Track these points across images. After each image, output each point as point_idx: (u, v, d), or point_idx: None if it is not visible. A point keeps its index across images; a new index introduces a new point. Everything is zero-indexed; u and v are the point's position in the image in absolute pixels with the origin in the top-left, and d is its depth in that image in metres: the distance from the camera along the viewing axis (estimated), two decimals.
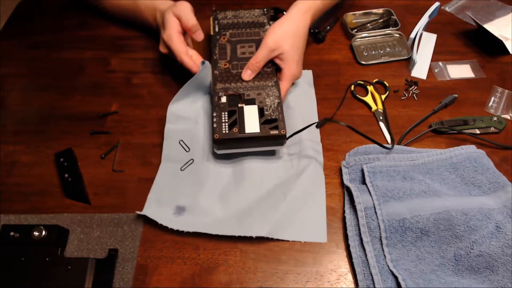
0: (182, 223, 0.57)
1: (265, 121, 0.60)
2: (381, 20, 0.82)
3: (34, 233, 0.53)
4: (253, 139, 0.59)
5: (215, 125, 0.60)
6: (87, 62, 0.79)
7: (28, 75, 0.78)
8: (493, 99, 0.70)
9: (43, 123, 0.70)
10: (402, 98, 0.71)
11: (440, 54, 0.77)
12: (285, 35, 0.66)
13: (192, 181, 0.61)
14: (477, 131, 0.65)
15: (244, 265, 0.54)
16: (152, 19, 0.75)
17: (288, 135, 0.61)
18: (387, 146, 0.61)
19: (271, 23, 0.71)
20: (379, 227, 0.54)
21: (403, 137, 0.65)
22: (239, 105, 0.62)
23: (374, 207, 0.55)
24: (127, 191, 0.61)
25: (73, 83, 0.75)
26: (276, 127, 0.60)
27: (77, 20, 0.86)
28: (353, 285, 0.53)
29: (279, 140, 0.60)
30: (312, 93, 0.72)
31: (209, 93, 0.70)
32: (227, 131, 0.59)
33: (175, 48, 0.66)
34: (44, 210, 0.60)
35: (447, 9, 0.85)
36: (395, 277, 0.50)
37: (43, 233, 0.53)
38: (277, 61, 0.67)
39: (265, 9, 0.76)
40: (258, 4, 0.87)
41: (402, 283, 0.49)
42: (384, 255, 0.53)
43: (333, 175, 0.62)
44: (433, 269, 0.52)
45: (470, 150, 0.60)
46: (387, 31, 0.79)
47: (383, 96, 0.70)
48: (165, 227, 0.57)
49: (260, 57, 0.65)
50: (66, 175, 0.63)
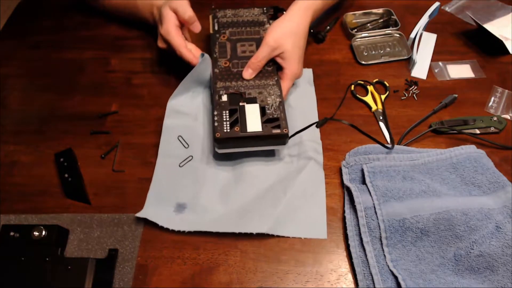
0: (183, 222, 0.57)
1: (267, 120, 0.60)
2: (381, 20, 0.82)
3: (34, 233, 0.53)
4: (255, 138, 0.59)
5: (216, 123, 0.59)
6: (87, 62, 0.79)
7: (28, 75, 0.78)
8: (493, 99, 0.70)
9: (43, 123, 0.70)
10: (402, 98, 0.71)
11: (440, 54, 0.77)
12: (286, 33, 0.65)
13: (192, 178, 0.61)
14: (477, 131, 0.65)
15: (244, 265, 0.54)
16: (149, 15, 0.75)
17: (290, 135, 0.60)
18: (388, 145, 0.61)
19: (271, 22, 0.71)
20: (379, 227, 0.54)
21: (403, 137, 0.65)
22: (240, 103, 0.61)
23: (374, 207, 0.55)
24: (127, 191, 0.61)
25: (73, 83, 0.75)
26: (278, 126, 0.59)
27: (77, 20, 0.86)
28: (353, 285, 0.53)
29: (281, 139, 0.59)
30: (312, 91, 0.72)
31: (209, 87, 0.70)
32: (229, 130, 0.58)
33: (174, 42, 0.66)
34: (44, 210, 0.60)
35: (447, 9, 0.85)
36: (395, 277, 0.50)
37: (43, 233, 0.53)
38: (279, 60, 0.66)
39: (264, 8, 0.76)
40: (258, 3, 0.87)
41: (402, 283, 0.49)
42: (384, 255, 0.53)
43: (333, 175, 0.62)
44: (433, 269, 0.52)
45: (470, 150, 0.60)
46: (387, 31, 0.79)
47: (383, 96, 0.70)
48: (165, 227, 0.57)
49: (261, 56, 0.65)
50: (66, 175, 0.63)
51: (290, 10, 0.68)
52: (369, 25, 0.82)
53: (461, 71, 0.74)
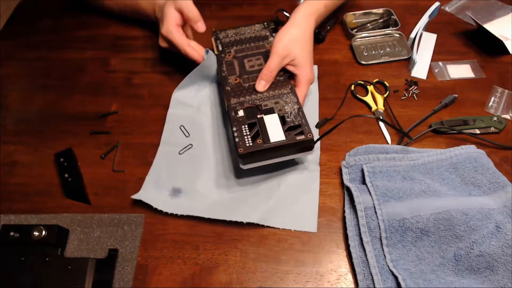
0: (177, 206, 0.58)
1: (288, 128, 0.58)
2: (381, 20, 0.82)
3: (34, 233, 0.53)
4: (280, 148, 0.56)
5: (237, 139, 0.56)
6: (87, 62, 0.79)
7: (28, 75, 0.78)
8: (493, 99, 0.70)
9: (43, 123, 0.70)
10: (402, 98, 0.71)
11: (440, 54, 0.77)
12: (293, 40, 0.64)
13: (190, 165, 0.63)
14: (477, 131, 0.65)
15: (244, 265, 0.54)
16: (151, 14, 0.76)
17: (316, 139, 0.59)
18: (395, 148, 0.61)
19: (274, 35, 0.70)
20: (379, 227, 0.54)
21: (403, 137, 0.65)
22: (258, 116, 0.60)
23: (374, 207, 0.55)
24: (127, 191, 0.61)
25: (73, 83, 0.75)
26: (301, 133, 0.57)
27: (77, 20, 0.86)
28: (353, 285, 0.53)
29: (307, 145, 0.57)
30: (315, 89, 0.72)
31: (216, 82, 0.71)
32: (251, 144, 0.56)
33: (177, 41, 0.66)
34: (44, 210, 0.60)
35: (447, 9, 0.85)
36: (395, 277, 0.50)
37: (43, 233, 0.53)
38: (290, 68, 0.65)
39: (265, 22, 0.75)
40: (258, 4, 0.87)
41: (402, 283, 0.49)
42: (384, 255, 0.52)
43: (333, 175, 0.62)
44: (433, 269, 0.52)
45: (470, 150, 0.60)
46: (387, 31, 0.79)
47: (383, 96, 0.70)
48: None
49: (273, 66, 0.63)
50: (66, 175, 0.63)
51: (294, 17, 0.67)
52: (369, 25, 0.82)
53: (461, 71, 0.74)
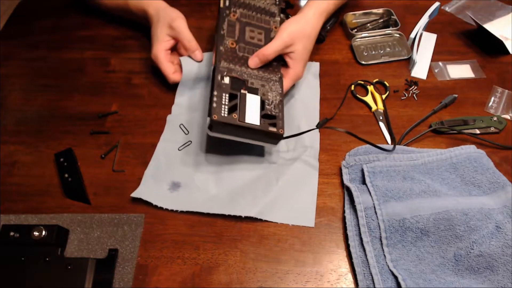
0: (176, 202, 0.58)
1: (264, 115, 0.58)
2: (381, 20, 0.82)
3: (34, 233, 0.53)
4: (250, 131, 0.57)
5: (214, 105, 0.56)
6: (87, 62, 0.79)
7: (28, 75, 0.78)
8: (493, 99, 0.70)
9: (43, 123, 0.70)
10: (402, 98, 0.71)
11: (440, 54, 0.76)
12: (300, 34, 0.65)
13: (189, 160, 0.63)
14: (477, 131, 0.65)
15: (244, 265, 0.54)
16: (141, 13, 0.75)
17: (285, 136, 0.60)
18: (387, 148, 0.61)
19: (282, 16, 0.69)
20: (379, 227, 0.54)
21: (403, 137, 0.65)
22: (242, 91, 0.59)
23: (374, 207, 0.55)
24: (127, 191, 0.61)
25: (73, 83, 0.75)
26: (274, 125, 0.58)
27: (77, 20, 0.86)
28: (353, 285, 0.53)
29: (275, 139, 0.59)
30: (317, 85, 0.72)
31: (207, 79, 0.71)
32: (226, 115, 0.56)
33: (162, 68, 0.70)
34: (44, 210, 0.60)
35: (447, 9, 0.85)
36: (395, 277, 0.50)
37: (43, 233, 0.53)
38: (287, 58, 0.66)
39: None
40: None
41: (402, 283, 0.49)
42: (384, 255, 0.53)
43: (333, 175, 0.62)
44: (433, 269, 0.52)
45: (470, 150, 0.60)
46: (387, 31, 0.79)
47: (383, 96, 0.70)
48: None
49: (273, 49, 0.63)
50: (66, 175, 0.63)
51: (306, 12, 0.67)
52: (369, 25, 0.82)
53: (461, 71, 0.74)
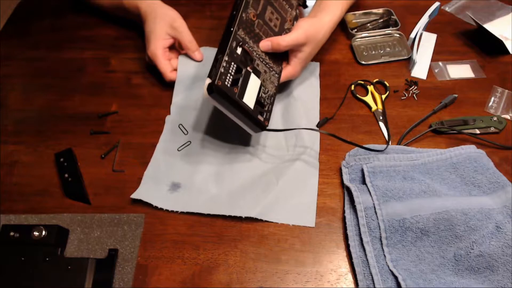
0: (176, 203, 0.58)
1: (257, 101, 0.59)
2: (381, 20, 0.82)
3: (34, 233, 0.53)
4: (241, 110, 0.56)
5: (222, 69, 0.55)
6: (87, 62, 0.79)
7: (28, 75, 0.78)
8: (493, 99, 0.70)
9: (43, 123, 0.70)
10: (402, 98, 0.71)
11: (440, 54, 0.76)
12: (313, 37, 0.65)
13: (189, 160, 0.63)
14: (477, 131, 0.65)
15: (244, 265, 0.54)
16: (135, 10, 0.75)
17: (268, 128, 0.60)
18: (379, 148, 0.61)
19: (297, 11, 0.69)
20: (379, 227, 0.54)
21: (403, 137, 0.65)
22: (248, 68, 0.59)
23: (374, 207, 0.55)
24: (127, 191, 0.61)
25: (73, 83, 0.75)
26: (262, 114, 0.58)
27: (77, 20, 0.86)
28: (353, 285, 0.53)
29: (258, 127, 0.58)
30: (317, 85, 0.72)
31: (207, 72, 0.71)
32: (229, 86, 0.55)
33: (160, 67, 0.69)
34: (44, 210, 0.60)
35: (447, 9, 0.85)
36: (395, 277, 0.50)
37: (43, 233, 0.53)
38: (291, 55, 0.66)
39: None
40: None
41: (402, 283, 0.49)
42: (384, 255, 0.52)
43: (333, 175, 0.62)
44: (433, 269, 0.52)
45: (470, 150, 0.60)
46: (387, 31, 0.79)
47: (383, 96, 0.70)
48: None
49: (288, 42, 0.62)
50: (66, 175, 0.63)
51: (323, 17, 0.67)
52: (369, 25, 0.82)
53: (461, 71, 0.74)
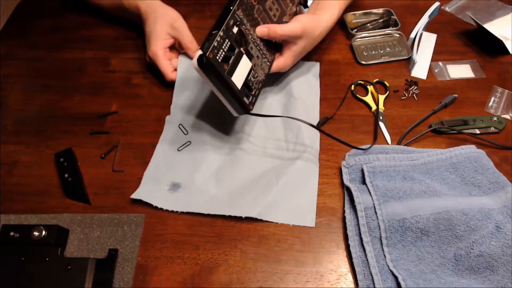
0: (176, 203, 0.58)
1: (245, 84, 0.59)
2: (381, 20, 0.82)
3: (34, 233, 0.53)
4: (228, 89, 0.56)
5: (215, 43, 0.54)
6: (87, 62, 0.79)
7: (28, 75, 0.78)
8: (493, 99, 0.70)
9: (43, 123, 0.70)
10: (402, 98, 0.71)
11: (440, 54, 0.76)
12: (309, 33, 0.65)
13: (188, 160, 0.63)
14: (477, 131, 0.65)
15: (244, 265, 0.54)
16: (135, 10, 0.75)
17: (252, 113, 0.60)
18: (363, 147, 0.61)
19: (298, 8, 0.70)
20: (379, 227, 0.54)
21: (403, 137, 0.65)
22: (242, 48, 0.59)
23: (374, 207, 0.55)
24: (127, 191, 0.61)
25: (73, 83, 0.75)
26: (248, 97, 0.59)
27: (77, 20, 0.86)
28: (353, 285, 0.53)
29: (242, 109, 0.59)
30: (317, 85, 0.72)
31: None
32: (220, 61, 0.55)
33: (161, 67, 0.69)
34: (44, 210, 0.60)
35: (447, 9, 0.85)
36: (395, 277, 0.50)
37: (43, 233, 0.53)
38: (285, 47, 0.66)
39: None
40: None
41: (402, 283, 0.49)
42: (384, 255, 0.52)
43: (333, 175, 0.62)
44: (433, 269, 0.52)
45: (470, 150, 0.60)
46: (387, 31, 0.79)
47: (383, 96, 0.70)
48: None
49: (284, 31, 0.62)
50: (66, 175, 0.63)
51: (322, 15, 0.67)
52: (369, 25, 0.82)
53: (461, 71, 0.74)
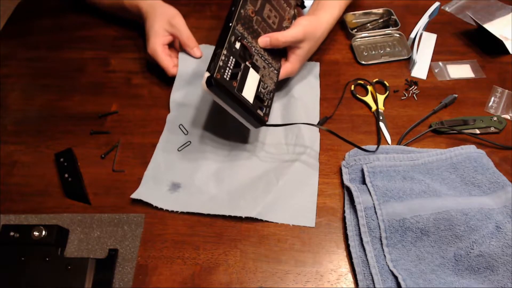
0: (176, 203, 0.58)
1: (257, 97, 0.59)
2: (381, 20, 0.82)
3: (34, 233, 0.53)
4: (241, 105, 0.56)
5: (221, 63, 0.55)
6: (87, 62, 0.79)
7: (28, 75, 0.78)
8: (493, 99, 0.70)
9: (43, 123, 0.70)
10: (402, 98, 0.71)
11: (440, 54, 0.77)
12: (311, 35, 0.65)
13: (189, 160, 0.63)
14: (477, 131, 0.65)
15: (244, 265, 0.54)
16: (135, 10, 0.75)
17: (268, 124, 0.60)
18: (369, 149, 0.61)
19: (295, 11, 0.70)
20: (379, 227, 0.54)
21: (403, 137, 0.65)
22: (247, 63, 0.59)
23: (374, 207, 0.55)
24: (127, 191, 0.61)
25: (73, 83, 0.75)
26: (262, 109, 0.59)
27: (77, 20, 0.86)
28: (353, 285, 0.53)
29: (257, 122, 0.59)
30: (317, 85, 0.72)
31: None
32: (228, 79, 0.55)
33: (162, 63, 0.69)
34: (44, 210, 0.60)
35: (447, 9, 0.85)
36: (395, 277, 0.50)
37: (43, 233, 0.53)
38: (290, 52, 0.66)
39: None
40: None
41: (402, 283, 0.49)
42: (384, 255, 0.53)
43: (333, 175, 0.62)
44: (433, 269, 0.52)
45: (470, 150, 0.60)
46: (387, 31, 0.79)
47: (383, 96, 0.70)
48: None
49: (286, 38, 0.62)
50: (66, 175, 0.63)
51: (322, 15, 0.67)
52: (369, 25, 0.82)
53: (461, 71, 0.74)
